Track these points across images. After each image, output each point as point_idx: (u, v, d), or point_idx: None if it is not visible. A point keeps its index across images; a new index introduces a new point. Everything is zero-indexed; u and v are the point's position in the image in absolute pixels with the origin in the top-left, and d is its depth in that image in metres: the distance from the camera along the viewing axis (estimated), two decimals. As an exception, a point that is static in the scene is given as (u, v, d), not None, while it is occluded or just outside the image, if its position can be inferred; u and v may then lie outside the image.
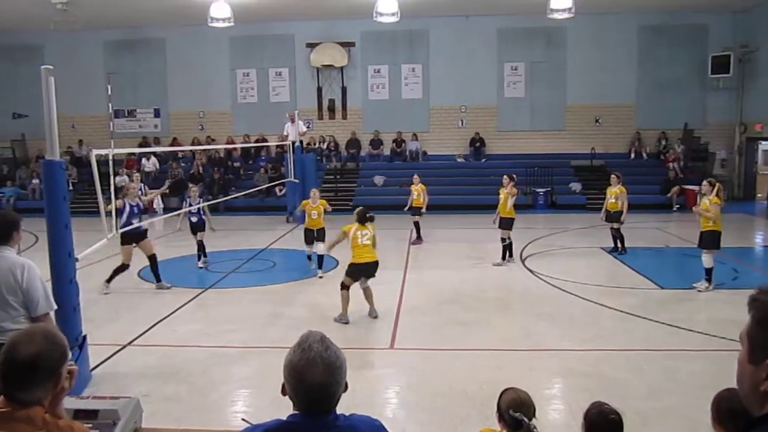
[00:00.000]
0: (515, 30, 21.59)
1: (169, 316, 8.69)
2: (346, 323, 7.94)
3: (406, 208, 14.62)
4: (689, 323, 7.99)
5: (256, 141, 21.78)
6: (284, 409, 2.04)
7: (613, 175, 12.48)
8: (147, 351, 7.34)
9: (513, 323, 8.34)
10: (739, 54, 20.84)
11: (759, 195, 21.46)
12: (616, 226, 12.23)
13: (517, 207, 12.20)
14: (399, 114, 22.34)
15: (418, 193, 14.49)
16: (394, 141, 22.35)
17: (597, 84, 21.58)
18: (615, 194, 12.15)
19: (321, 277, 10.75)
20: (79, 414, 2.29)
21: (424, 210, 14.51)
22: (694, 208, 10.17)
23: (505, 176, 11.93)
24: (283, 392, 1.98)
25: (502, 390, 3.21)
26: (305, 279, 10.96)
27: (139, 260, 12.53)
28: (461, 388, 6.03)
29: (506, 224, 11.69)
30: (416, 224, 14.45)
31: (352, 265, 8.37)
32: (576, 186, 20.23)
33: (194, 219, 11.82)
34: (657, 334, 7.70)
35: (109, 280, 9.78)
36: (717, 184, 9.57)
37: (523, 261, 12.01)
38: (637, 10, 20.68)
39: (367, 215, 8.48)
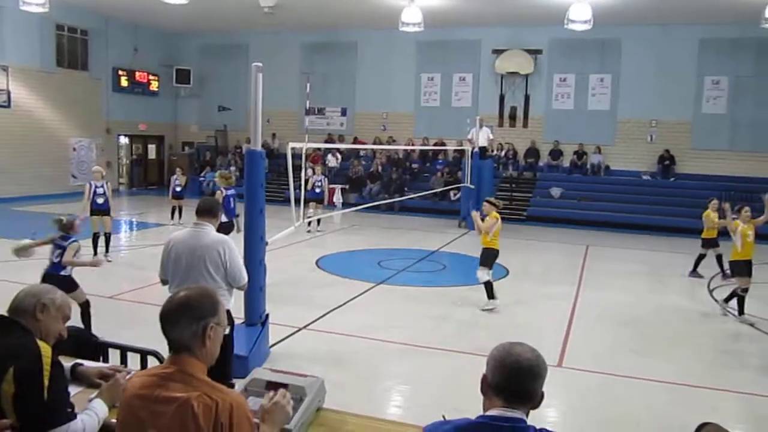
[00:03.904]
0: (720, 41, 19.93)
1: (342, 305, 9.07)
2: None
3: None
4: None
5: (435, 144, 22.09)
6: (444, 407, 2.09)
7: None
8: (319, 336, 7.73)
9: (695, 357, 7.70)
10: None
11: None
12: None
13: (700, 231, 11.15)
14: (583, 125, 21.54)
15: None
16: (575, 153, 21.60)
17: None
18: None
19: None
20: (270, 385, 2.45)
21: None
22: None
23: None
24: (483, 387, 2.06)
25: (699, 424, 2.96)
26: (476, 285, 10.92)
27: (321, 250, 13.26)
28: (632, 419, 5.69)
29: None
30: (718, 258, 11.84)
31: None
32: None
33: (100, 201, 11.37)
34: None
35: None
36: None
37: (711, 292, 11.05)
38: None
39: None
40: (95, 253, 11.09)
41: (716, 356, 7.76)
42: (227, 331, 3.02)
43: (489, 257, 9.11)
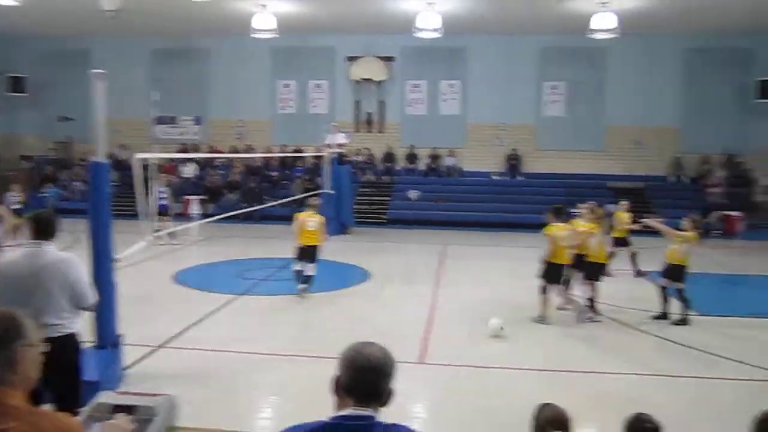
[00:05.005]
0: (557, 49, 21.48)
1: (202, 320, 8.79)
2: None
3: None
4: (721, 350, 7.78)
5: (293, 151, 22.01)
6: (310, 415, 2.11)
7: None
8: (180, 353, 7.44)
9: (549, 344, 8.23)
10: (785, 79, 20.49)
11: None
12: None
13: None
14: (436, 129, 22.36)
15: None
16: (430, 156, 22.37)
17: (639, 106, 21.33)
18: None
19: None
20: (118, 409, 2.33)
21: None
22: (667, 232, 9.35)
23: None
24: (335, 389, 2.08)
25: (539, 406, 3.18)
26: (338, 290, 11.01)
27: (178, 264, 12.76)
28: (492, 407, 5.97)
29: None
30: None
31: None
32: (612, 207, 19.87)
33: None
34: (691, 361, 7.54)
35: None
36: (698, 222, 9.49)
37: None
38: (682, 32, 20.38)
39: None
40: None
41: (567, 341, 8.34)
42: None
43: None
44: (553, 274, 8.98)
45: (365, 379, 2.03)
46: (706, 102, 21.20)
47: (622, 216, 12.47)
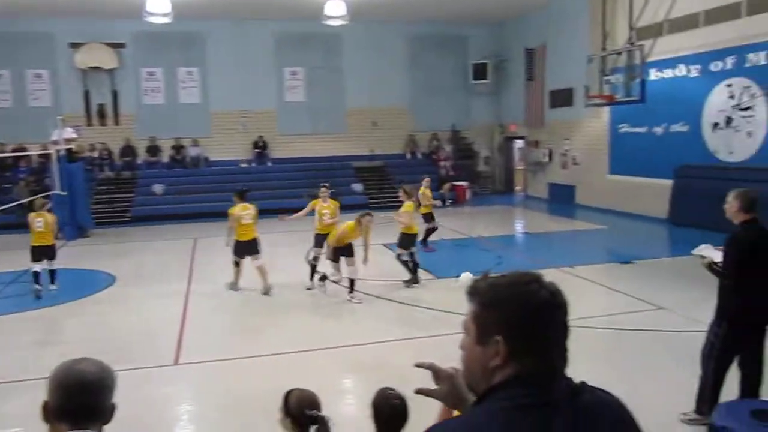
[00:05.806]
0: (292, 35, 21.81)
1: None
2: None
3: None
4: (456, 308, 8.64)
5: (13, 150, 19.58)
6: None
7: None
8: None
9: (300, 324, 8.45)
10: (494, 63, 23.21)
11: (517, 188, 24.00)
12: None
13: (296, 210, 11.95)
14: (177, 119, 21.46)
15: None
16: (174, 147, 21.44)
17: (373, 89, 22.59)
18: None
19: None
20: None
21: None
22: (394, 215, 10.89)
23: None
24: (45, 415, 1.91)
25: (286, 392, 3.24)
26: (79, 299, 10.12)
27: None
28: (251, 397, 5.96)
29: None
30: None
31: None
32: (358, 186, 20.94)
33: None
34: (433, 322, 8.27)
35: None
36: (410, 192, 10.83)
37: (312, 261, 12.11)
38: (407, 20, 21.96)
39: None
40: None
41: (319, 319, 8.64)
42: None
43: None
44: (239, 249, 10.10)
45: (80, 398, 1.88)
46: (432, 83, 23.23)
47: (426, 192, 13.13)
